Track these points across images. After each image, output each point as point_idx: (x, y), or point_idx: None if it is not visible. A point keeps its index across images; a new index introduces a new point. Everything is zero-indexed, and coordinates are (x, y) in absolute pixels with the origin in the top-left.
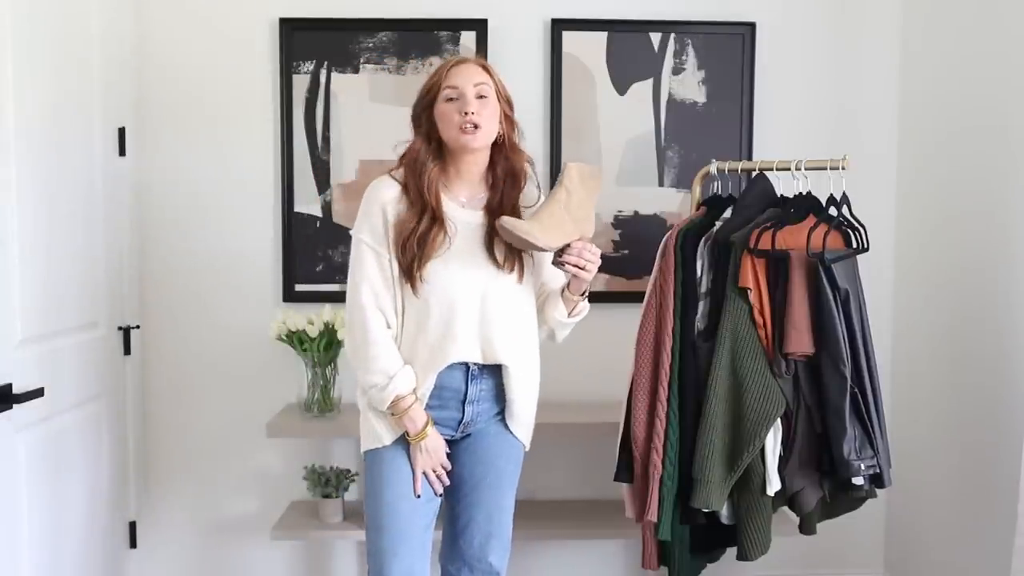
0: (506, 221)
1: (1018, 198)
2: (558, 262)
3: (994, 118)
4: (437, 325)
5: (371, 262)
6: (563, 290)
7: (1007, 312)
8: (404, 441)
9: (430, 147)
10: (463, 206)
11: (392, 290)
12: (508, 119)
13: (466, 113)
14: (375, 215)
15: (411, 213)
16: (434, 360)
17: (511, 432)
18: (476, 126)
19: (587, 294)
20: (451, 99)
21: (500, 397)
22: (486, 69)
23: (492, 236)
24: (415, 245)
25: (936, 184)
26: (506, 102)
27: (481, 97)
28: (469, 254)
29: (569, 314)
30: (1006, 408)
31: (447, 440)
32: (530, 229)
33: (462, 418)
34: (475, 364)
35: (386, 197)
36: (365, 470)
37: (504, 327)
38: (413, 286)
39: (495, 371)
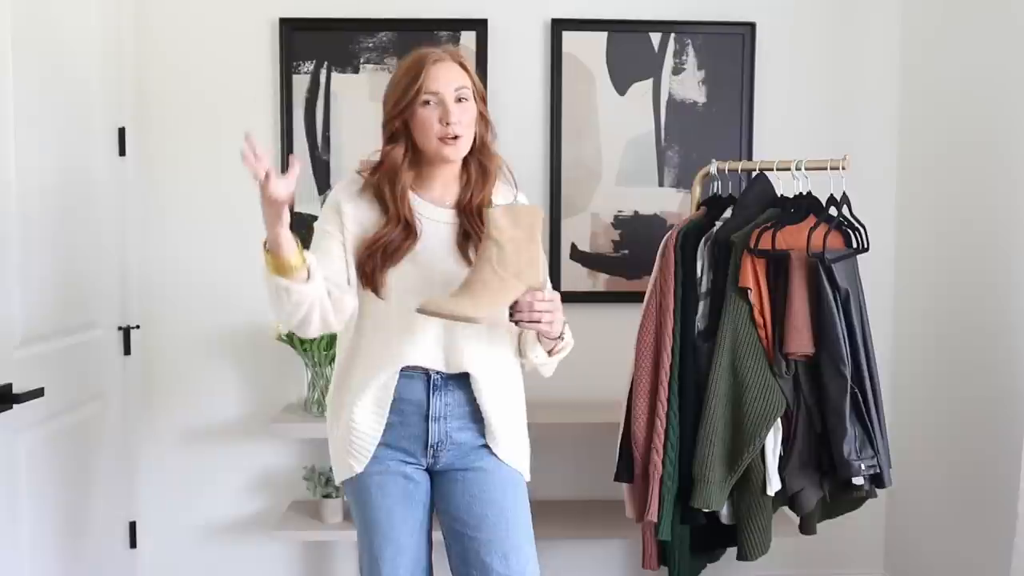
0: (428, 304)
1: (1019, 197)
2: (512, 322)
3: (995, 118)
4: (397, 324)
5: (314, 240)
6: (538, 335)
7: (1007, 311)
8: (374, 467)
9: (406, 154)
10: (434, 203)
11: (341, 261)
12: (483, 118)
13: (448, 124)
14: (328, 205)
15: (379, 220)
16: (390, 359)
17: (503, 461)
18: (457, 137)
19: (564, 336)
20: (428, 103)
21: (475, 417)
22: (464, 68)
23: (463, 235)
24: (380, 252)
25: (936, 183)
26: (482, 100)
27: (461, 100)
28: (437, 253)
29: (550, 353)
30: (1006, 408)
31: (423, 470)
32: (458, 305)
33: (427, 439)
34: (437, 373)
35: (342, 195)
36: (349, 500)
37: (473, 333)
38: (377, 290)
39: (462, 383)
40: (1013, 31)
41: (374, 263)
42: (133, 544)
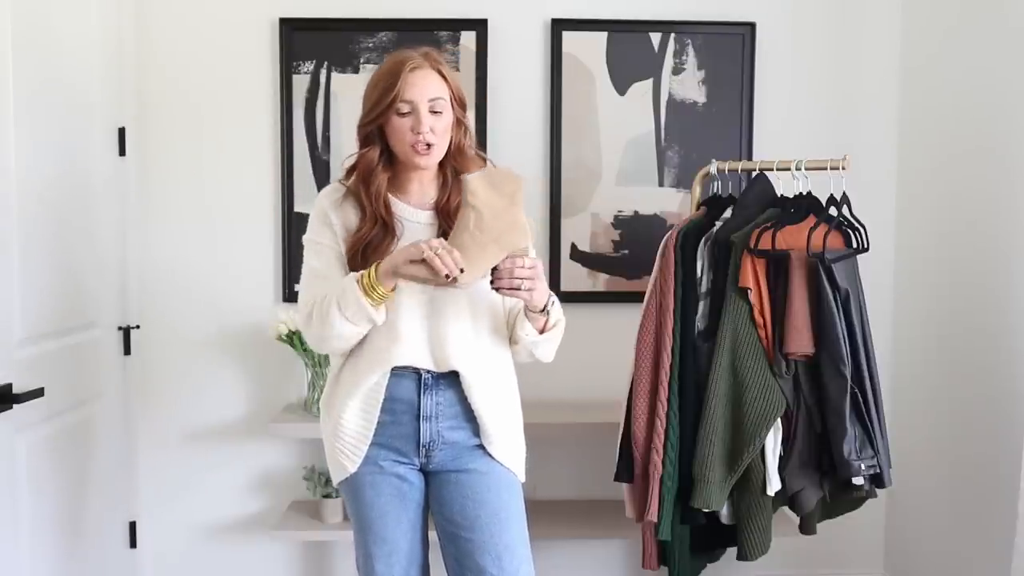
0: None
1: (1019, 199)
2: (493, 289)
3: (995, 118)
4: (384, 325)
5: (312, 253)
6: (524, 308)
7: (1007, 312)
8: (367, 467)
9: (381, 157)
10: (412, 205)
11: (344, 270)
12: (459, 124)
13: (419, 133)
14: (316, 215)
15: (360, 222)
16: (379, 361)
17: (498, 461)
18: (429, 145)
19: (550, 307)
20: (403, 113)
21: (468, 416)
22: (442, 74)
23: (442, 235)
24: (361, 253)
25: (936, 184)
26: (460, 106)
27: (436, 112)
28: None
29: (541, 331)
30: (1006, 408)
31: (417, 470)
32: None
33: (419, 438)
34: (427, 372)
35: (325, 202)
36: (345, 500)
37: (458, 330)
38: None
39: (453, 382)
40: (1013, 32)
41: (355, 265)
42: (133, 544)
